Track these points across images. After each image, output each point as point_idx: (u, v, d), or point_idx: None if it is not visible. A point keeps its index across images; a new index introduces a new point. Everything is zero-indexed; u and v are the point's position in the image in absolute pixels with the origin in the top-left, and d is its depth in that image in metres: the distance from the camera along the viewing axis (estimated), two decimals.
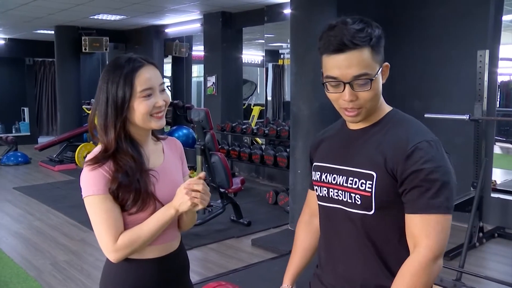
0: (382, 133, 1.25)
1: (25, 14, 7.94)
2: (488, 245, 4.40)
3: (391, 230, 1.23)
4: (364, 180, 1.22)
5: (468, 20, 4.83)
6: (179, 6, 7.41)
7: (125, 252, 1.37)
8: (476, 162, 4.14)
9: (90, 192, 1.36)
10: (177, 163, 1.56)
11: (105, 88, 1.37)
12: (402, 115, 1.29)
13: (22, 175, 8.24)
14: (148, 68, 1.38)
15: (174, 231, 1.52)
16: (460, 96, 4.83)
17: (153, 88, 1.38)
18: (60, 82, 9.77)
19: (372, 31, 1.19)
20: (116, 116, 1.36)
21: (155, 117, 1.39)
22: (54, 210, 5.80)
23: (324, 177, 1.34)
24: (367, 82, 1.18)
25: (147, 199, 1.37)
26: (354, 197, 1.24)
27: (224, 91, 8.04)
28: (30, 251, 4.43)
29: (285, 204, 5.59)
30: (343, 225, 1.28)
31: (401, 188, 1.18)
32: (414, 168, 1.15)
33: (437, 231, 1.15)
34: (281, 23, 7.27)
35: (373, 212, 1.22)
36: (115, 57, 1.42)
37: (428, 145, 1.18)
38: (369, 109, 1.23)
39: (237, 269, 3.92)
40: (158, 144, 1.53)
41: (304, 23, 4.69)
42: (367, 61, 1.18)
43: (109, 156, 1.37)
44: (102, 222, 1.35)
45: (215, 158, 4.96)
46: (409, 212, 1.18)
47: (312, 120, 4.65)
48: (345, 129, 1.34)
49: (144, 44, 9.91)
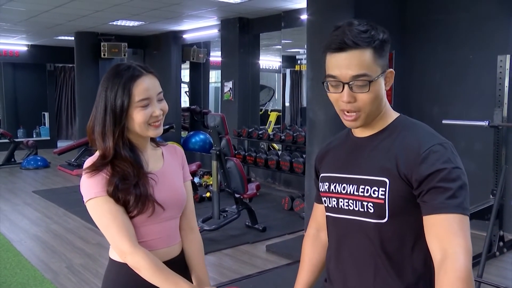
0: (391, 139, 1.22)
1: (46, 21, 8.10)
2: (508, 255, 4.28)
3: (404, 238, 1.19)
4: (377, 187, 1.18)
5: (489, 25, 4.75)
6: (197, 12, 7.47)
7: (138, 265, 1.34)
8: (496, 169, 4.05)
9: (92, 195, 1.35)
10: (178, 169, 1.55)
11: (104, 95, 1.38)
12: (410, 120, 1.27)
13: (41, 179, 8.36)
14: (146, 77, 1.39)
15: (176, 237, 1.52)
16: (480, 102, 4.74)
17: (151, 98, 1.38)
18: (80, 87, 9.91)
19: (376, 33, 1.18)
20: (114, 124, 1.36)
21: (152, 126, 1.40)
22: (71, 213, 5.86)
23: (333, 187, 1.29)
24: (366, 84, 1.16)
25: (147, 201, 1.37)
26: (366, 206, 1.20)
27: (241, 97, 8.04)
28: (47, 254, 4.48)
29: (301, 210, 5.55)
30: (354, 235, 1.24)
31: (417, 191, 1.14)
32: (432, 169, 1.12)
33: (464, 230, 1.10)
34: (298, 29, 7.26)
35: (386, 220, 1.18)
36: (115, 65, 1.43)
37: (443, 147, 1.16)
38: (368, 113, 1.20)
39: (251, 275, 3.90)
40: (158, 149, 1.53)
41: (321, 28, 4.66)
42: (368, 63, 1.16)
43: (107, 163, 1.37)
44: (110, 224, 1.34)
45: (230, 164, 4.96)
46: (429, 213, 1.12)
47: (328, 126, 4.62)
48: (351, 138, 1.32)
49: (162, 49, 10.00)
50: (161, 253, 1.44)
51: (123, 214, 1.36)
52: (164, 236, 1.46)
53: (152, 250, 1.41)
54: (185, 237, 1.56)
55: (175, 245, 1.51)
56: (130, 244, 1.33)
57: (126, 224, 1.35)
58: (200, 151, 9.13)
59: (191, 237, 1.57)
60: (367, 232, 1.21)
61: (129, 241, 1.33)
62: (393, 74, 1.22)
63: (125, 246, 1.33)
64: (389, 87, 1.23)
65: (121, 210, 1.36)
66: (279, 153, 7.06)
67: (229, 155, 4.99)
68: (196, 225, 1.62)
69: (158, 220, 1.43)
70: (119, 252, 1.37)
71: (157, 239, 1.44)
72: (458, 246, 1.07)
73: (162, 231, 1.46)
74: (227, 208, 5.12)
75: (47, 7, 6.89)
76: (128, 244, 1.33)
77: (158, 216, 1.42)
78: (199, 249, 1.59)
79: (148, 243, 1.42)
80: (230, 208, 5.10)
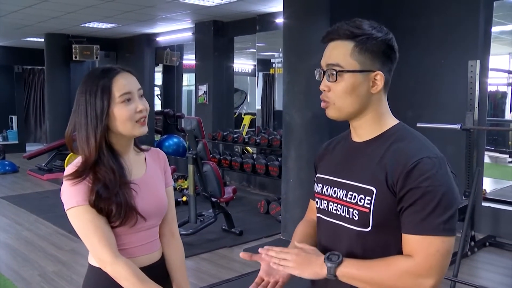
0: (385, 147, 1.20)
1: (14, 22, 7.89)
2: (480, 254, 4.41)
3: (387, 248, 1.17)
4: (363, 196, 1.17)
5: (459, 31, 4.88)
6: (171, 15, 7.41)
7: (119, 275, 1.33)
8: (468, 171, 4.16)
9: (74, 203, 1.33)
10: (160, 174, 1.54)
11: (83, 99, 1.36)
12: (408, 129, 1.24)
13: (10, 184, 8.12)
14: (124, 74, 1.39)
15: (157, 243, 1.51)
16: (452, 105, 4.86)
17: (132, 93, 1.38)
18: (50, 90, 9.69)
19: (366, 30, 1.18)
20: (96, 125, 1.34)
21: (138, 123, 1.38)
22: (43, 220, 5.71)
23: (325, 189, 1.30)
24: (334, 74, 1.18)
25: (129, 212, 1.36)
26: (352, 212, 1.20)
27: (215, 100, 8.03)
28: (18, 262, 4.35)
29: (277, 214, 5.57)
30: (339, 240, 1.24)
31: (399, 206, 1.13)
32: (412, 186, 1.10)
33: (428, 252, 1.09)
34: (273, 32, 7.30)
35: (369, 229, 1.17)
36: (91, 69, 1.43)
37: (431, 161, 1.12)
38: (340, 107, 1.20)
39: (230, 279, 3.88)
40: (141, 154, 1.51)
41: (297, 32, 4.71)
42: (344, 54, 1.18)
43: (90, 168, 1.35)
44: (91, 233, 1.33)
45: (207, 167, 4.94)
46: (404, 232, 1.14)
47: (304, 129, 4.66)
48: (349, 141, 1.31)
49: (135, 52, 9.88)
50: (141, 259, 1.44)
51: (105, 224, 1.34)
52: (145, 243, 1.46)
53: (133, 257, 1.40)
54: (166, 243, 1.55)
55: (156, 251, 1.51)
56: (111, 254, 1.32)
57: (107, 234, 1.34)
58: (174, 154, 9.06)
59: (172, 243, 1.56)
60: (351, 238, 1.21)
61: (109, 251, 1.32)
62: (382, 77, 1.19)
63: (105, 256, 1.32)
64: (376, 91, 1.20)
65: (103, 220, 1.34)
66: (254, 156, 7.06)
67: (205, 159, 4.96)
68: (177, 230, 1.61)
69: (140, 229, 1.42)
70: (99, 262, 1.36)
71: (138, 246, 1.44)
72: (413, 260, 1.11)
73: (143, 239, 1.45)
74: (204, 212, 5.09)
75: (16, 7, 6.71)
76: (108, 254, 1.32)
77: (140, 225, 1.41)
78: (181, 257, 1.58)
79: (129, 251, 1.41)
80: (206, 212, 5.07)
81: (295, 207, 4.74)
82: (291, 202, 4.78)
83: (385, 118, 1.25)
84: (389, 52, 1.21)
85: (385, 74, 1.20)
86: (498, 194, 5.86)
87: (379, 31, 1.20)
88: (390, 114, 1.27)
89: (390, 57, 1.21)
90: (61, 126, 9.59)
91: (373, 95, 1.21)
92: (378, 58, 1.19)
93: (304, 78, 4.58)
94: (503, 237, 4.68)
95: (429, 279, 1.10)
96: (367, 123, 1.24)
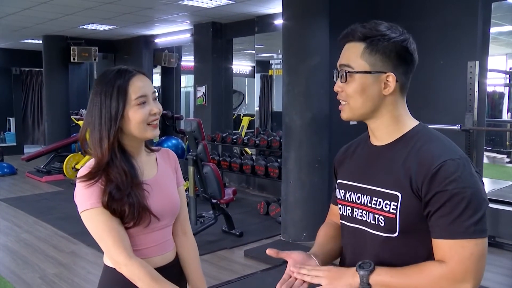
0: (407, 150, 1.17)
1: (12, 24, 7.86)
2: None
3: (415, 254, 1.15)
4: (389, 201, 1.15)
5: (458, 32, 4.90)
6: (170, 17, 7.41)
7: (134, 276, 1.35)
8: None
9: (88, 206, 1.34)
10: (171, 174, 1.55)
11: (98, 100, 1.36)
12: (429, 130, 1.22)
13: (9, 187, 8.10)
14: (139, 77, 1.40)
15: (171, 243, 1.52)
16: (451, 106, 4.88)
17: (147, 96, 1.39)
18: (48, 92, 9.66)
19: (379, 31, 1.17)
20: (110, 127, 1.35)
21: (151, 125, 1.39)
22: (42, 222, 5.70)
23: (348, 196, 1.28)
24: (344, 74, 1.19)
25: (142, 212, 1.36)
26: (377, 219, 1.18)
27: (214, 102, 8.03)
28: (18, 264, 4.34)
29: (277, 215, 5.57)
30: (366, 246, 1.22)
31: (425, 210, 1.11)
32: (438, 189, 1.08)
33: (462, 256, 1.07)
34: (271, 34, 7.31)
35: (397, 235, 1.15)
36: (105, 70, 1.42)
37: (455, 163, 1.10)
38: (352, 107, 1.20)
39: (231, 281, 3.88)
40: (152, 155, 1.52)
41: (297, 33, 4.71)
42: (355, 55, 1.19)
43: (103, 170, 1.35)
44: (105, 235, 1.34)
45: (207, 169, 4.94)
46: (434, 237, 1.12)
47: (304, 131, 4.66)
48: (369, 145, 1.28)
49: (133, 54, 9.88)
50: (156, 260, 1.44)
51: (119, 225, 1.35)
52: (158, 244, 1.46)
53: (147, 258, 1.41)
54: (179, 242, 1.56)
55: (170, 251, 1.52)
56: (126, 256, 1.33)
57: (121, 235, 1.35)
58: None
59: (185, 242, 1.58)
60: (378, 244, 1.19)
61: (124, 253, 1.33)
62: (394, 79, 1.17)
63: (120, 258, 1.33)
64: (389, 92, 1.19)
65: (117, 221, 1.35)
66: (254, 157, 7.07)
67: (205, 160, 4.96)
68: (190, 229, 1.63)
69: (153, 229, 1.43)
70: (114, 263, 1.36)
71: (152, 247, 1.45)
72: (447, 266, 1.08)
73: (157, 239, 1.46)
74: (204, 214, 5.09)
75: (14, 9, 6.69)
76: (123, 255, 1.33)
77: (153, 226, 1.42)
78: (194, 255, 1.60)
79: (143, 252, 1.42)
80: (207, 214, 5.07)
81: (295, 208, 4.75)
82: (291, 203, 4.78)
83: (403, 120, 1.23)
84: (404, 54, 1.19)
85: (399, 76, 1.19)
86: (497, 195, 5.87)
87: (393, 32, 1.18)
88: (409, 116, 1.24)
89: (404, 59, 1.19)
90: (60, 128, 9.59)
91: (387, 97, 1.20)
92: (390, 60, 1.18)
93: (304, 80, 4.59)
94: (502, 237, 4.69)
95: (466, 283, 1.08)
96: (383, 125, 1.22)
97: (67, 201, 6.72)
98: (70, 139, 9.21)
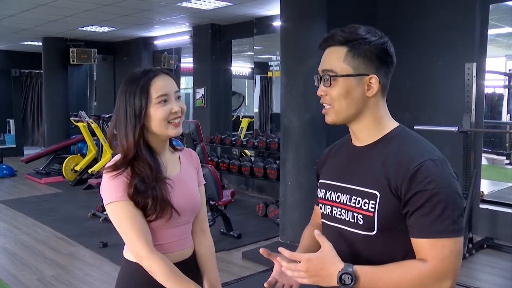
0: (387, 150, 1.21)
1: (12, 25, 7.88)
2: (477, 256, 4.42)
3: (393, 252, 1.18)
4: (368, 200, 1.18)
5: (456, 33, 4.90)
6: (169, 19, 7.43)
7: (153, 269, 1.39)
8: (465, 173, 4.18)
9: (113, 199, 1.40)
10: (193, 173, 1.61)
11: (123, 99, 1.45)
12: (408, 132, 1.25)
13: (8, 188, 8.10)
14: (162, 76, 1.46)
15: (189, 240, 1.58)
16: (449, 107, 4.88)
17: (168, 95, 1.45)
18: (48, 93, 9.67)
19: (359, 35, 1.20)
20: (135, 123, 1.42)
21: (172, 124, 1.45)
22: (41, 223, 5.70)
23: (328, 195, 1.31)
24: (328, 79, 1.21)
25: (164, 206, 1.42)
26: (356, 217, 1.21)
27: (213, 103, 8.04)
28: (16, 266, 4.34)
29: (275, 216, 5.57)
30: (344, 245, 1.24)
31: (404, 210, 1.14)
32: (417, 189, 1.11)
33: (443, 255, 1.11)
34: (270, 36, 7.32)
35: (375, 233, 1.18)
36: (132, 71, 1.50)
37: (433, 164, 1.13)
38: (338, 110, 1.22)
39: (229, 282, 3.88)
40: (175, 154, 1.59)
41: (294, 35, 4.72)
42: (337, 59, 1.21)
43: (128, 163, 1.42)
44: (129, 228, 1.39)
45: (205, 171, 4.93)
46: (413, 236, 1.14)
47: (302, 132, 4.66)
48: (350, 146, 1.31)
49: (132, 56, 9.90)
50: (174, 255, 1.50)
51: (142, 218, 1.41)
52: (178, 239, 1.53)
53: (167, 253, 1.46)
54: (197, 239, 1.62)
55: (188, 248, 1.57)
56: (147, 249, 1.38)
57: (144, 229, 1.41)
58: None
59: (203, 240, 1.64)
60: (356, 243, 1.22)
61: (146, 246, 1.39)
62: (377, 81, 1.21)
63: (142, 251, 1.39)
64: (372, 94, 1.21)
65: (140, 214, 1.41)
66: (252, 159, 7.07)
67: (204, 162, 4.97)
68: (208, 228, 1.68)
69: (174, 224, 1.49)
70: (135, 255, 1.42)
71: (172, 242, 1.51)
72: (430, 263, 1.11)
73: (177, 235, 1.52)
74: None
75: (14, 11, 6.71)
76: (145, 248, 1.38)
77: (174, 221, 1.48)
78: (211, 253, 1.65)
79: (163, 246, 1.48)
80: None
81: (293, 210, 4.75)
82: (289, 205, 4.78)
83: (384, 121, 1.26)
84: (384, 56, 1.22)
85: (381, 78, 1.22)
86: (496, 196, 5.87)
87: (373, 35, 1.21)
88: (389, 117, 1.28)
89: (385, 61, 1.23)
90: (59, 129, 9.60)
91: (370, 99, 1.23)
92: (372, 62, 1.21)
93: (302, 81, 4.59)
94: (501, 239, 4.69)
95: (448, 281, 1.12)
96: (366, 127, 1.25)
97: (66, 203, 6.74)
98: (69, 141, 9.22)
